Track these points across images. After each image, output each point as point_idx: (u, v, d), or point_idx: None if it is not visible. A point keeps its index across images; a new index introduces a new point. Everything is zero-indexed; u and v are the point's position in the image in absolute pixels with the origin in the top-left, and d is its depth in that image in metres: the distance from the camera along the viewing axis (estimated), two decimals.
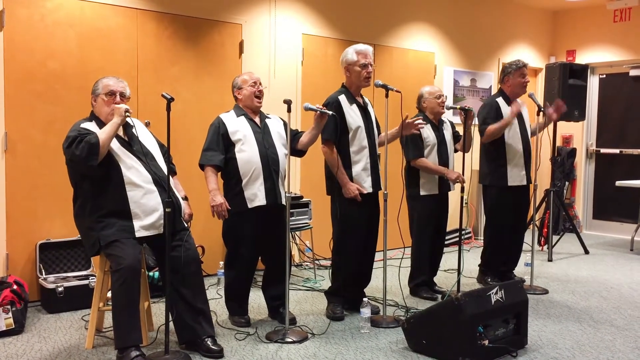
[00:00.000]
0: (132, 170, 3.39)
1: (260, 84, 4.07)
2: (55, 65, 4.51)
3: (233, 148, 3.91)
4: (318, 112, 3.85)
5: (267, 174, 3.92)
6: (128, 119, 3.42)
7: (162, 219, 3.42)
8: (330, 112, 3.89)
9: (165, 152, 3.68)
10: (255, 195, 3.91)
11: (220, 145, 3.90)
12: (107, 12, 4.72)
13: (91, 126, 3.44)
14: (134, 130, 3.56)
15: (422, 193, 4.68)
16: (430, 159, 4.64)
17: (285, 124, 4.15)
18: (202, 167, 3.94)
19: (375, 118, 4.35)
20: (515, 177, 4.97)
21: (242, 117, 3.99)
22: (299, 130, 4.23)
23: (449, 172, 4.63)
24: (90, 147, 3.22)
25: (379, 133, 4.41)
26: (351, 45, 4.22)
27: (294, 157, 4.21)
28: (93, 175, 3.34)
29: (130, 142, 3.51)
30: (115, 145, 3.40)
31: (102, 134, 3.29)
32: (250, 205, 3.90)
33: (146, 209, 3.39)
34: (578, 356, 3.61)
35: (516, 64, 4.99)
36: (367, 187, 4.16)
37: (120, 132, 3.49)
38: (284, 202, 3.98)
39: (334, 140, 4.07)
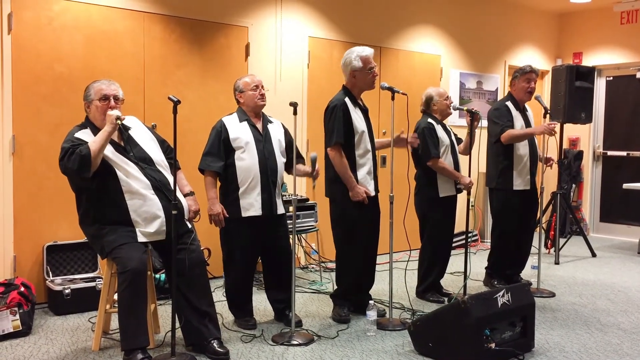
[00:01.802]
0: (130, 177, 3.35)
1: (262, 87, 4.05)
2: (62, 68, 4.53)
3: (233, 154, 3.91)
4: (317, 170, 3.99)
5: (265, 184, 3.92)
6: (122, 123, 3.37)
7: (163, 226, 3.41)
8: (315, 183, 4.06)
9: (167, 148, 3.68)
10: (252, 204, 3.91)
11: (220, 151, 3.90)
12: (113, 15, 4.74)
13: (85, 134, 3.38)
14: (130, 133, 3.53)
15: (441, 195, 4.67)
16: (446, 161, 4.64)
17: (286, 132, 4.14)
18: (201, 171, 3.95)
19: None
20: (521, 181, 4.95)
21: (245, 123, 3.98)
22: (300, 154, 4.25)
23: (462, 178, 4.62)
24: (81, 159, 3.18)
25: None
26: (351, 49, 4.18)
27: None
28: (89, 186, 3.32)
29: (126, 147, 3.45)
30: (110, 152, 3.36)
31: (93, 144, 3.22)
32: (244, 214, 3.91)
33: (147, 217, 3.37)
34: (585, 359, 3.59)
35: (523, 70, 4.97)
36: (372, 190, 4.16)
37: (115, 137, 3.44)
38: (279, 212, 4.00)
39: (343, 143, 4.06)
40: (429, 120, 4.68)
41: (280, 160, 4.02)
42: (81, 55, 4.61)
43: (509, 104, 4.99)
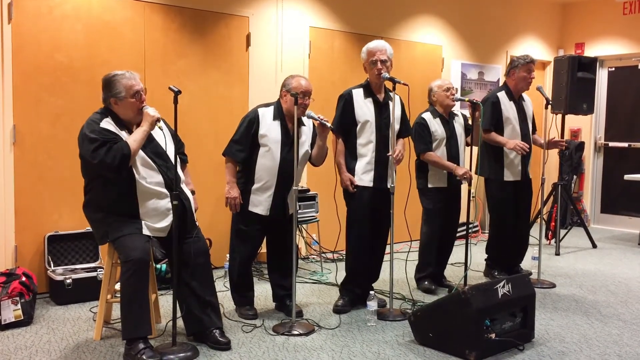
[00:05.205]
0: (146, 171, 3.36)
1: (309, 96, 3.94)
2: (62, 58, 4.52)
3: (257, 150, 3.92)
4: (318, 122, 3.84)
5: (278, 189, 3.93)
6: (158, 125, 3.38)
7: (171, 227, 3.40)
8: (330, 125, 3.86)
9: (178, 141, 3.67)
10: (260, 202, 3.94)
11: (247, 142, 3.91)
12: (114, 5, 4.72)
13: (110, 125, 3.32)
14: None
15: (429, 186, 4.68)
16: (439, 153, 4.63)
17: (314, 132, 4.12)
18: (225, 155, 3.98)
19: (402, 113, 4.29)
20: (511, 172, 4.95)
21: (278, 123, 3.94)
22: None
23: (456, 168, 4.61)
24: (122, 157, 3.20)
25: (404, 132, 4.35)
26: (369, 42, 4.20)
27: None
28: (107, 174, 3.30)
29: (146, 143, 3.42)
30: None
31: (133, 143, 3.24)
32: (250, 208, 3.96)
33: (156, 214, 3.38)
34: (585, 350, 3.60)
35: (524, 59, 4.94)
36: (366, 180, 4.15)
37: None
38: (289, 213, 4.02)
39: (337, 130, 4.15)
40: (423, 115, 4.70)
41: (301, 166, 4.01)
42: (82, 45, 4.59)
43: (501, 95, 4.94)
